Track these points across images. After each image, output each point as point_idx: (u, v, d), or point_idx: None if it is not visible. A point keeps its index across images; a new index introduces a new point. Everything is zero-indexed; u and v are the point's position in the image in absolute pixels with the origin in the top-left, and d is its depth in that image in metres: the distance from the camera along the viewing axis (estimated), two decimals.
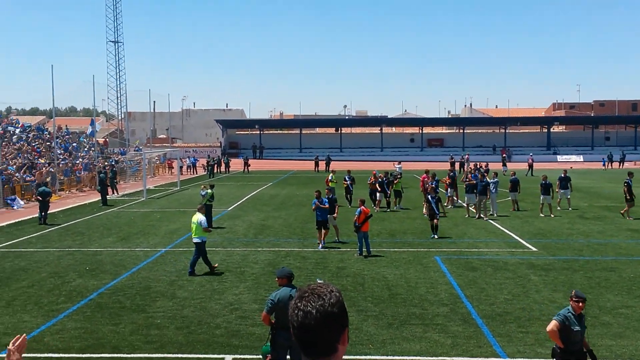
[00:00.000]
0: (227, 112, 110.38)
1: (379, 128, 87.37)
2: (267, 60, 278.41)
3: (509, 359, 9.66)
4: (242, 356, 9.84)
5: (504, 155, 62.63)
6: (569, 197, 28.03)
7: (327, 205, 18.82)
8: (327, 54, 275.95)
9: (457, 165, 50.77)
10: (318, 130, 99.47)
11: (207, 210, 23.12)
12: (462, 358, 9.71)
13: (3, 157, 37.00)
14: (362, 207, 17.74)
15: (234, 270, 15.82)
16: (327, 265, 16.46)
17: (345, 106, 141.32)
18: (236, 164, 62.30)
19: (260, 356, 7.69)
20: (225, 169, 58.37)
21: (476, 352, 9.97)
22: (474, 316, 11.80)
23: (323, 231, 18.84)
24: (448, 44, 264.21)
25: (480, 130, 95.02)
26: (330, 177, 30.59)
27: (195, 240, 15.71)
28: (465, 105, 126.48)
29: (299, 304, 2.33)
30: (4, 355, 3.56)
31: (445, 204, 29.00)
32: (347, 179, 29.28)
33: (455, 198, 29.76)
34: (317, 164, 58.10)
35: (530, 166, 51.84)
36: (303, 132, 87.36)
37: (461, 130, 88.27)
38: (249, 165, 58.36)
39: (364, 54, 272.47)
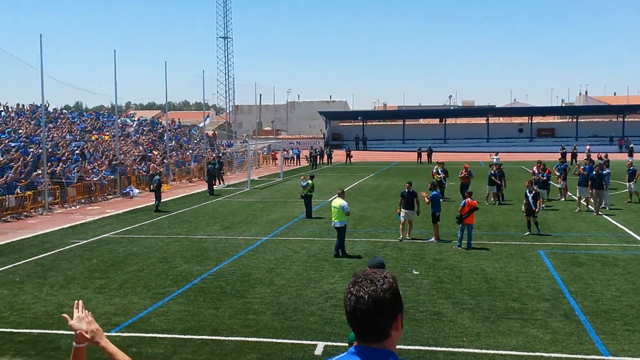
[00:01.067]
0: (331, 103, 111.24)
1: (485, 118, 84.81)
2: (371, 52, 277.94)
3: (612, 357, 9.16)
4: (334, 343, 9.97)
5: (631, 145, 58.43)
6: None
7: (428, 201, 18.45)
8: (432, 42, 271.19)
9: (568, 156, 48.48)
10: (422, 121, 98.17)
11: (307, 201, 23.58)
12: (561, 355, 9.31)
13: (120, 149, 39.41)
14: (469, 199, 17.36)
15: (330, 259, 16.01)
16: (424, 256, 16.29)
17: (450, 96, 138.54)
18: (339, 155, 62.79)
19: (347, 344, 7.78)
20: (328, 160, 59.00)
21: (577, 349, 9.53)
22: (577, 312, 11.27)
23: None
24: (561, 29, 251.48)
25: (595, 120, 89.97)
26: (435, 170, 29.66)
27: (336, 224, 16.18)
28: (580, 93, 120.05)
29: (352, 289, 2.36)
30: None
31: (559, 197, 27.84)
32: (440, 171, 28.39)
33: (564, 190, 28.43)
34: (419, 155, 57.48)
35: None
36: (406, 123, 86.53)
37: (574, 120, 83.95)
38: (351, 157, 58.70)
39: (470, 42, 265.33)
